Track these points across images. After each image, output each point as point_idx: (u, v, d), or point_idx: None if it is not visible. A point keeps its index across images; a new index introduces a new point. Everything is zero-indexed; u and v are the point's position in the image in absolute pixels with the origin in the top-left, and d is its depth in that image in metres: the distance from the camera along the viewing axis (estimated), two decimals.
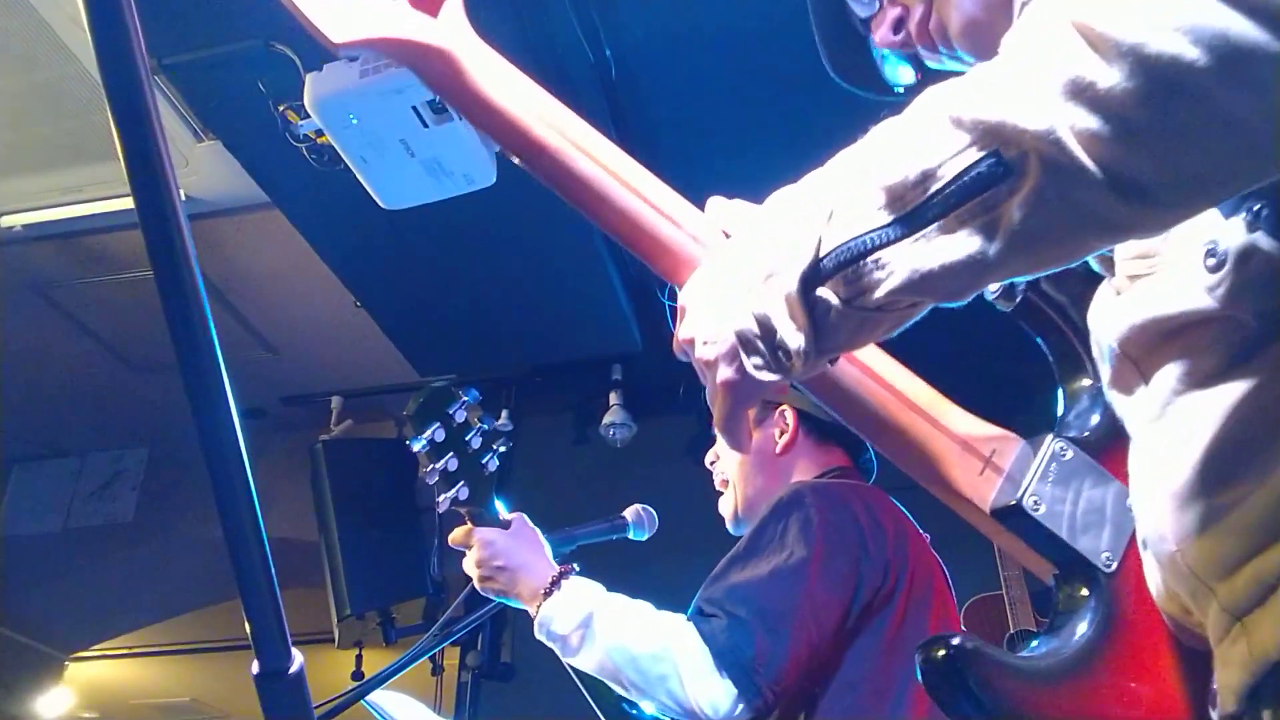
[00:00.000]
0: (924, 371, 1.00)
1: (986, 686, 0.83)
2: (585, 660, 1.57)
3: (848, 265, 0.68)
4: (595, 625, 1.56)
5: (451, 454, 1.58)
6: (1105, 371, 0.84)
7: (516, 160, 0.98)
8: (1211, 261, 0.69)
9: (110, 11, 0.51)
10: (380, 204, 2.87)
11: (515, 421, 4.42)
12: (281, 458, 4.80)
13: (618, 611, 1.59)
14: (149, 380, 4.70)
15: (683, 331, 0.81)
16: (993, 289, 0.95)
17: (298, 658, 0.70)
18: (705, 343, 0.78)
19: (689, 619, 1.56)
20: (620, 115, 3.14)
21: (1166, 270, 0.74)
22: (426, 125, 2.59)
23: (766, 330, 0.73)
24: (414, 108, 2.55)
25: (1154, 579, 0.81)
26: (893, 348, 0.92)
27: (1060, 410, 1.00)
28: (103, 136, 3.20)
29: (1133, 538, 0.88)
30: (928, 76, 1.02)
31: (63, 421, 5.12)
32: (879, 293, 0.68)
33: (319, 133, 2.78)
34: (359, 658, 4.05)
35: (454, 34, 0.96)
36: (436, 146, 2.65)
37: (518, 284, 3.75)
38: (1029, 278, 0.68)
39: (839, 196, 0.70)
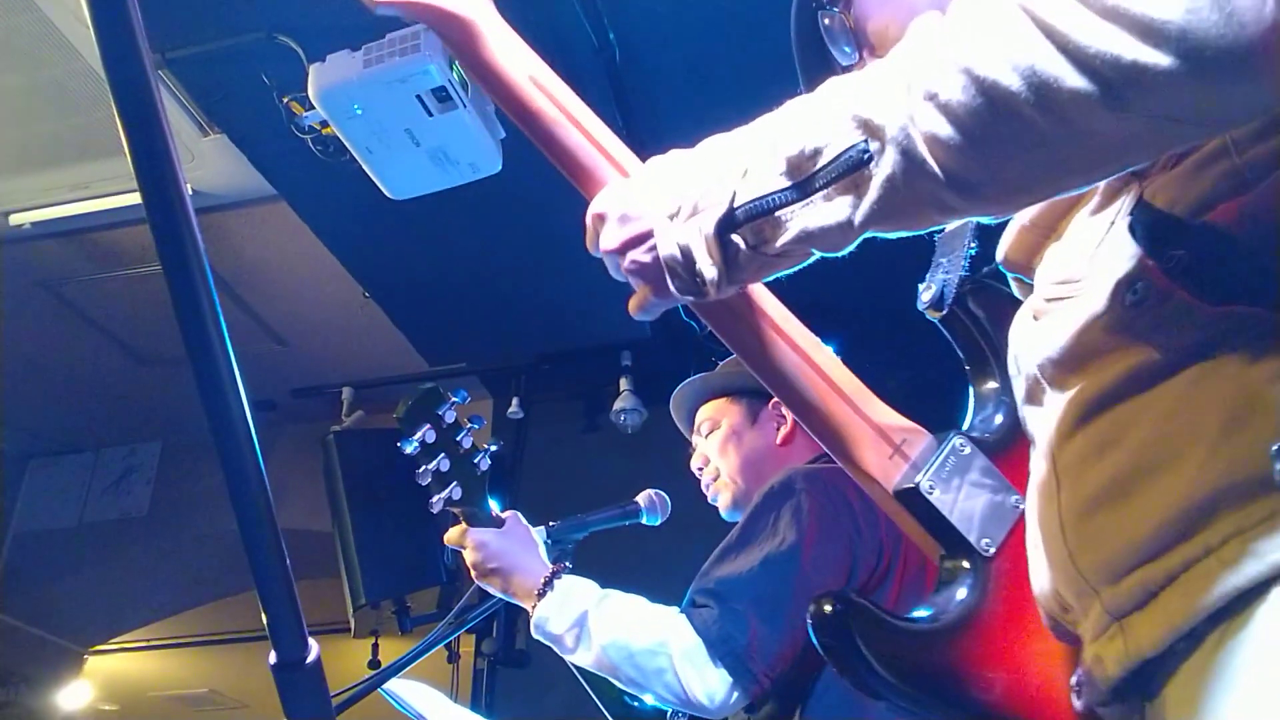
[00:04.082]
0: (859, 368, 1.14)
1: (870, 640, 0.95)
2: (582, 658, 1.59)
3: (755, 218, 0.83)
4: (589, 624, 1.58)
5: (443, 454, 1.58)
6: (1020, 387, 0.94)
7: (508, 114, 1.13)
8: (1132, 298, 0.79)
9: (113, 7, 0.51)
10: (386, 194, 2.87)
11: (526, 409, 4.42)
12: (293, 450, 4.81)
13: (611, 608, 1.60)
14: (160, 374, 4.72)
15: (606, 242, 0.97)
16: (925, 300, 1.13)
17: (314, 647, 0.71)
18: (634, 255, 0.94)
19: (682, 611, 1.58)
20: (625, 99, 3.13)
21: (1086, 298, 0.83)
22: (431, 114, 2.58)
23: (688, 259, 0.87)
24: (418, 96, 2.54)
25: (1041, 577, 0.89)
26: (839, 347, 1.11)
27: (969, 411, 1.13)
28: (109, 132, 3.21)
29: (1012, 530, 1.03)
30: None
31: (76, 417, 5.14)
32: (778, 243, 0.83)
33: (324, 124, 2.78)
34: (375, 646, 4.07)
35: (477, 6, 1.12)
36: (441, 135, 2.64)
37: (526, 271, 3.75)
38: (891, 235, 0.80)
39: (754, 158, 0.84)
